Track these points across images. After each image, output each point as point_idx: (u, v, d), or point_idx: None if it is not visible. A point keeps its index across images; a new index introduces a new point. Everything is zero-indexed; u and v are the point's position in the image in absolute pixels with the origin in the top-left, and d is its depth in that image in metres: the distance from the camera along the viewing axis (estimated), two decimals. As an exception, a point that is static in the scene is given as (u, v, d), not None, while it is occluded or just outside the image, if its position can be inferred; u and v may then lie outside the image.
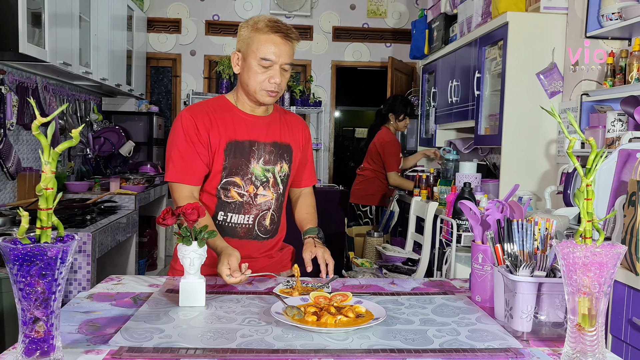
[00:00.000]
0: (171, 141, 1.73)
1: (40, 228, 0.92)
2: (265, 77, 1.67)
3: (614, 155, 2.17)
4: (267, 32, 1.65)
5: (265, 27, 1.66)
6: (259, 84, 1.68)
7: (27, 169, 3.47)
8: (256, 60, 1.66)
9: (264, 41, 1.65)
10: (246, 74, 1.69)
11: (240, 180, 1.74)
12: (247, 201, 1.76)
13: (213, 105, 1.76)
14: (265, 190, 1.77)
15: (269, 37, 1.65)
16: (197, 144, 1.70)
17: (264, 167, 1.76)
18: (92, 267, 2.76)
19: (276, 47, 1.65)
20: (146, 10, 5.85)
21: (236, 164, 1.73)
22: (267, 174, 1.77)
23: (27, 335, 0.92)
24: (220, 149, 1.71)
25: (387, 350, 1.08)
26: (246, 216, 1.77)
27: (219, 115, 1.74)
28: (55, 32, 3.19)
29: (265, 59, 1.65)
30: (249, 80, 1.69)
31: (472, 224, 1.46)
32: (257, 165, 1.75)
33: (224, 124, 1.73)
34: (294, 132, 1.87)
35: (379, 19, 6.16)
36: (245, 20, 1.73)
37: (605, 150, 2.46)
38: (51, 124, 0.93)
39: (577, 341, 0.98)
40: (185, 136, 1.70)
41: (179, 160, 1.70)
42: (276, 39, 1.66)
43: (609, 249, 0.94)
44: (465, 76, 3.73)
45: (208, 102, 1.78)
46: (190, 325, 1.21)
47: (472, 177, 3.45)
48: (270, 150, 1.78)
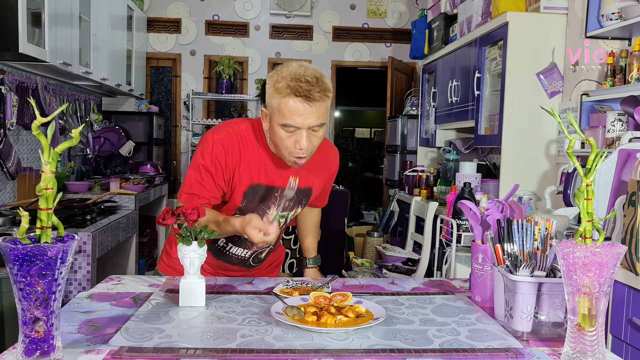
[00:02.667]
0: (196, 161, 1.61)
1: (40, 228, 0.92)
2: (291, 141, 1.49)
3: (614, 155, 2.17)
4: (288, 94, 1.44)
5: (286, 88, 1.44)
6: (286, 149, 1.51)
7: (27, 169, 3.47)
8: (279, 125, 1.48)
9: (285, 106, 1.45)
10: (272, 136, 1.54)
11: None
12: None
13: (245, 138, 1.62)
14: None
15: (289, 102, 1.44)
16: (220, 177, 1.60)
17: (281, 213, 1.70)
18: (92, 267, 2.76)
19: (298, 112, 1.45)
20: (146, 10, 5.85)
21: (253, 208, 1.64)
22: (280, 219, 1.71)
23: (27, 335, 0.92)
24: (240, 189, 1.62)
25: (387, 350, 1.08)
26: (245, 251, 1.76)
27: (249, 153, 1.61)
28: (55, 32, 3.19)
29: (286, 125, 1.47)
30: (276, 143, 1.54)
31: (472, 224, 1.46)
32: (275, 211, 1.69)
33: (252, 164, 1.61)
34: (323, 168, 1.75)
35: (379, 19, 6.16)
36: (271, 72, 1.53)
37: (605, 150, 2.46)
38: (51, 124, 0.93)
39: (577, 341, 0.98)
40: (212, 165, 1.59)
41: (197, 185, 1.61)
42: (297, 103, 1.44)
43: (609, 249, 0.94)
44: (465, 76, 3.73)
45: (242, 132, 1.62)
46: (190, 325, 1.21)
47: (472, 177, 3.46)
48: (292, 198, 1.70)
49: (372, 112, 10.64)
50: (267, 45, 6.11)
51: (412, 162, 4.89)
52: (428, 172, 4.38)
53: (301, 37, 6.12)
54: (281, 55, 6.12)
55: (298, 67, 1.48)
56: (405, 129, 5.23)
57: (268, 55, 6.12)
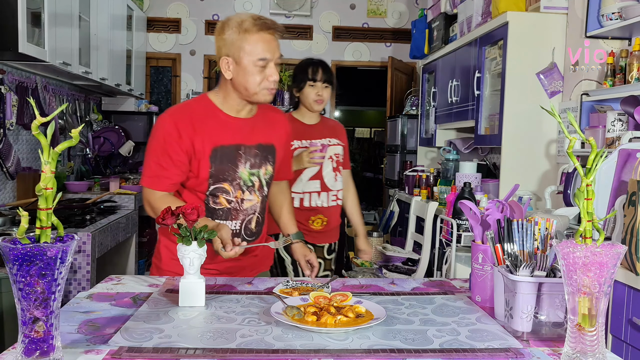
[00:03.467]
0: (150, 144, 1.69)
1: (40, 228, 0.92)
2: (262, 77, 1.65)
3: (614, 155, 2.17)
4: (257, 31, 1.63)
5: (253, 26, 1.63)
6: (258, 85, 1.66)
7: (26, 168, 3.47)
8: (252, 62, 1.63)
9: (256, 41, 1.62)
10: (242, 77, 1.65)
11: (229, 186, 1.72)
12: (234, 207, 1.74)
13: (196, 109, 1.71)
14: (251, 194, 1.76)
15: (260, 37, 1.63)
16: (177, 152, 1.65)
17: (250, 170, 1.74)
18: (92, 267, 2.76)
19: (269, 45, 1.64)
20: (146, 10, 5.85)
21: (223, 170, 1.70)
22: (252, 177, 1.75)
23: (26, 335, 0.92)
24: (205, 155, 1.67)
25: (387, 350, 1.08)
26: (233, 222, 1.75)
27: (202, 121, 1.69)
28: (55, 32, 3.19)
29: (262, 59, 1.63)
30: (247, 83, 1.66)
31: (472, 224, 1.46)
32: (245, 169, 1.73)
33: (208, 130, 1.68)
34: (276, 129, 1.85)
35: (379, 18, 6.16)
36: (223, 23, 1.68)
37: (605, 150, 2.46)
38: (51, 124, 0.93)
39: (577, 341, 0.98)
40: (165, 143, 1.65)
41: (156, 166, 1.66)
42: (267, 36, 1.64)
43: (609, 249, 0.94)
44: (465, 76, 3.73)
45: (191, 105, 1.73)
46: (190, 325, 1.21)
47: (472, 177, 3.45)
48: (256, 154, 1.76)
49: (372, 112, 10.63)
50: (267, 45, 6.10)
51: (412, 162, 4.89)
52: (428, 172, 4.37)
53: (301, 36, 6.12)
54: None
55: (249, 13, 1.70)
56: (405, 129, 5.23)
57: (268, 55, 6.11)
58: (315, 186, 2.48)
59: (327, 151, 2.47)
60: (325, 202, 2.50)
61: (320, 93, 2.43)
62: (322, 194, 2.49)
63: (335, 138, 2.57)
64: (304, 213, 2.47)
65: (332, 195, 2.52)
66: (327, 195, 2.50)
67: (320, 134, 2.52)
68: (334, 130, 2.59)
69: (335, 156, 2.53)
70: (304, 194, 2.47)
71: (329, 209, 2.52)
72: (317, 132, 2.52)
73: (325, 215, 2.51)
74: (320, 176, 2.48)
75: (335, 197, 2.54)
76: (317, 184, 2.48)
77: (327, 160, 2.49)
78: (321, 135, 2.52)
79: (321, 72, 2.43)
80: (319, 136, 2.51)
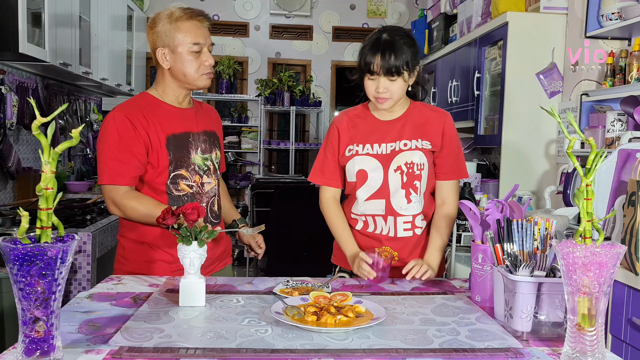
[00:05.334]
0: (103, 142, 1.68)
1: (40, 228, 0.92)
2: (198, 62, 1.71)
3: (613, 155, 2.17)
4: (187, 19, 1.70)
5: (183, 15, 1.70)
6: (196, 71, 1.72)
7: (27, 169, 3.47)
8: (187, 49, 1.69)
9: (188, 28, 1.69)
10: (180, 65, 1.71)
11: (186, 172, 1.75)
12: (197, 191, 1.78)
13: (142, 103, 1.75)
14: (209, 178, 1.81)
15: (191, 24, 1.70)
16: (135, 144, 1.66)
17: (202, 155, 1.80)
18: (92, 267, 2.76)
19: (201, 31, 1.71)
20: (146, 10, 5.85)
21: (179, 157, 1.74)
22: (206, 162, 1.81)
23: (27, 335, 0.92)
24: (162, 144, 1.71)
25: (387, 350, 1.08)
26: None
27: (151, 112, 1.72)
28: (55, 32, 3.19)
29: (196, 43, 1.69)
30: (185, 70, 1.71)
31: (472, 223, 1.46)
32: (197, 155, 1.78)
33: (159, 120, 1.72)
34: (212, 119, 1.93)
35: (379, 19, 6.16)
36: (152, 19, 1.75)
37: (605, 150, 2.46)
38: (51, 124, 0.93)
39: (576, 341, 0.98)
40: (120, 137, 1.66)
41: (115, 162, 1.66)
42: (197, 23, 1.71)
43: (608, 249, 0.94)
44: (465, 76, 3.73)
45: (135, 100, 1.77)
46: (190, 325, 1.21)
47: (472, 177, 3.46)
48: (204, 139, 1.82)
49: (372, 112, 10.61)
50: (267, 45, 6.11)
51: (412, 162, 4.88)
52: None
53: (301, 37, 6.12)
54: (281, 55, 6.12)
55: (176, 4, 1.74)
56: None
57: (268, 55, 6.12)
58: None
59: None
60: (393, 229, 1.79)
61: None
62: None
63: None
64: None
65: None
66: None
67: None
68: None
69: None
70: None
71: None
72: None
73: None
74: None
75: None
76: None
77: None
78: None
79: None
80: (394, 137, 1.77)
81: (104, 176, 1.67)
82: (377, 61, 1.63)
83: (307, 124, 6.35)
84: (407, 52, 1.64)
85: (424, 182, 1.75)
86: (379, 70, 1.64)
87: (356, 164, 1.75)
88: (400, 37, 1.65)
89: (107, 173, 1.67)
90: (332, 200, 1.83)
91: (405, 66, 1.64)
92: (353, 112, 1.85)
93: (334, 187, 1.82)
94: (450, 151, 1.77)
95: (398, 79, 1.64)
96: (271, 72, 6.14)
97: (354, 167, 1.75)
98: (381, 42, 1.64)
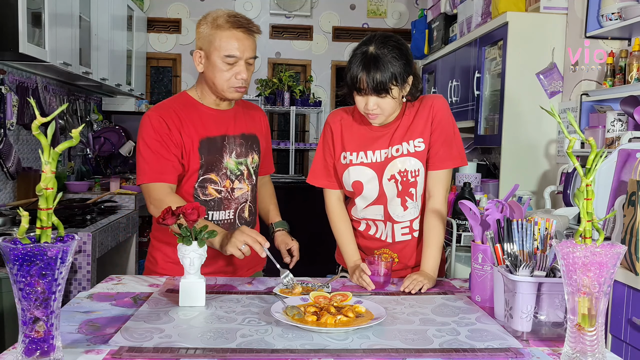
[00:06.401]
0: (142, 143, 1.67)
1: (40, 228, 0.92)
2: (231, 74, 1.66)
3: (613, 155, 2.17)
4: (229, 28, 1.63)
5: (226, 23, 1.63)
6: (226, 82, 1.67)
7: (27, 169, 3.47)
8: (220, 57, 1.64)
9: (227, 38, 1.63)
10: (211, 72, 1.67)
11: (216, 177, 1.73)
12: (225, 196, 1.75)
13: (178, 104, 1.73)
14: (240, 183, 1.78)
15: (231, 33, 1.63)
16: (171, 144, 1.66)
17: (236, 160, 1.77)
18: (92, 267, 2.76)
19: (239, 43, 1.64)
20: (146, 10, 5.85)
21: (211, 161, 1.72)
22: (240, 166, 1.78)
23: (27, 335, 0.92)
24: (194, 147, 1.69)
25: (387, 350, 1.08)
26: (226, 212, 1.76)
27: (186, 114, 1.71)
28: (55, 32, 3.19)
29: (229, 56, 1.64)
30: (215, 79, 1.67)
31: (472, 224, 1.46)
32: (230, 159, 1.75)
33: (194, 122, 1.70)
34: (255, 121, 1.88)
35: (379, 19, 6.16)
36: (202, 17, 1.70)
37: (605, 150, 2.46)
38: (51, 124, 0.93)
39: (577, 341, 0.98)
40: (158, 136, 1.65)
41: (155, 160, 1.65)
42: (238, 34, 1.64)
43: (608, 249, 0.94)
44: (465, 76, 3.73)
45: (172, 101, 1.75)
46: (190, 325, 1.21)
47: (472, 177, 3.45)
48: (241, 143, 1.78)
49: (372, 112, 10.62)
50: (267, 45, 6.11)
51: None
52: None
53: (301, 37, 6.12)
54: (281, 55, 6.12)
55: (227, 10, 1.69)
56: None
57: (268, 55, 6.12)
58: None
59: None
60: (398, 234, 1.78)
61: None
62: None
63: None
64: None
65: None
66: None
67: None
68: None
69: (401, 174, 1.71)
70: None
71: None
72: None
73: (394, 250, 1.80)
74: None
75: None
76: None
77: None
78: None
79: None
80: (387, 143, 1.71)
81: (144, 175, 1.65)
82: (363, 78, 1.54)
83: (307, 124, 6.35)
84: (396, 66, 1.53)
85: (420, 187, 1.70)
86: (366, 89, 1.55)
87: (351, 175, 1.71)
88: (389, 50, 1.54)
89: (148, 172, 1.65)
90: (338, 204, 1.79)
91: (395, 81, 1.54)
92: (347, 113, 1.78)
93: (338, 189, 1.78)
94: (439, 136, 1.66)
95: (387, 96, 1.55)
96: (271, 72, 6.14)
97: (349, 178, 1.71)
98: (367, 57, 1.55)
